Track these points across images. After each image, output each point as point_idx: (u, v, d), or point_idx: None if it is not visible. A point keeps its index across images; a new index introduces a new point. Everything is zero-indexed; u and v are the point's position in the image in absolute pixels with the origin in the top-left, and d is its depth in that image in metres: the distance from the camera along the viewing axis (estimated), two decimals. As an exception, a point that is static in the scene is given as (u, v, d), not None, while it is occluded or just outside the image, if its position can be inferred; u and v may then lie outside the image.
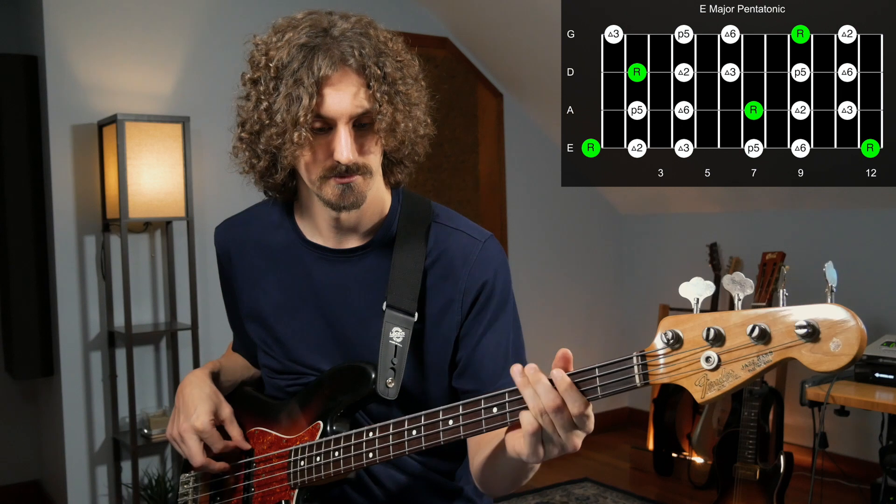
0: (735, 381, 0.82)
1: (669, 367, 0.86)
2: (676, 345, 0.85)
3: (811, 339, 0.77)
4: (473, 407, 0.99)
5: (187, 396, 1.26)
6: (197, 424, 1.22)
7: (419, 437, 1.03)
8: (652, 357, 0.87)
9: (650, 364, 0.87)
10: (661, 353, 0.87)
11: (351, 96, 1.07)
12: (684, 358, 0.85)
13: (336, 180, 1.11)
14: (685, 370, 0.85)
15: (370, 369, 1.16)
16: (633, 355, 0.89)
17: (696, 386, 0.84)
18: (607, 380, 0.90)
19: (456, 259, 1.20)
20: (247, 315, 1.31)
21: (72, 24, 3.25)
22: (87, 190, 3.29)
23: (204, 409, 1.23)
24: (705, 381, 0.83)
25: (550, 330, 4.50)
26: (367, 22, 1.12)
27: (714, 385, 0.83)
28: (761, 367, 0.80)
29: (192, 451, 1.23)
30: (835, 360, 0.76)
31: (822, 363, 0.77)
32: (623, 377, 0.89)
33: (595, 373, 0.91)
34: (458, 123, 4.32)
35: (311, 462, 1.15)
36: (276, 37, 1.10)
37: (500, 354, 1.20)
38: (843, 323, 0.76)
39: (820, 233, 3.86)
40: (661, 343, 0.86)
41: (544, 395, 0.91)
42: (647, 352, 0.88)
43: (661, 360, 0.86)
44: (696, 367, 0.84)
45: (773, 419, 3.27)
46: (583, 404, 0.91)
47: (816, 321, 0.77)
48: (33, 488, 3.75)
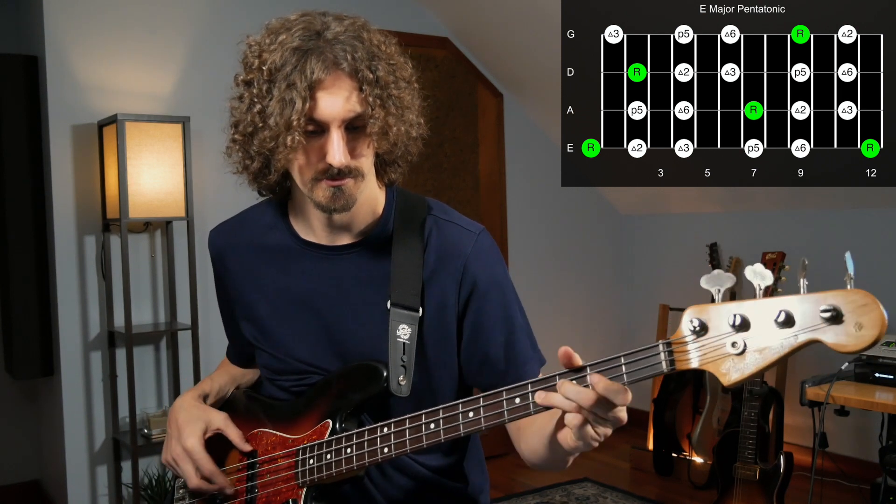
0: (761, 363, 0.86)
1: (697, 352, 0.90)
2: (702, 332, 0.89)
3: (835, 321, 0.82)
4: (495, 398, 1.01)
5: (180, 421, 1.27)
6: (187, 444, 1.23)
7: (438, 431, 1.04)
8: (678, 344, 0.91)
9: (676, 350, 0.91)
10: (688, 340, 0.90)
11: (343, 100, 1.08)
12: (710, 343, 0.89)
13: (327, 182, 1.11)
14: (711, 355, 0.89)
15: (382, 367, 1.16)
16: (659, 343, 0.92)
17: (723, 370, 0.88)
18: (633, 367, 0.93)
19: (450, 251, 1.21)
20: (243, 317, 1.31)
21: (72, 24, 3.25)
22: (87, 190, 3.29)
23: (192, 429, 1.25)
24: (731, 364, 0.88)
25: (550, 330, 4.50)
26: (361, 24, 1.13)
27: (739, 369, 0.87)
28: (787, 349, 0.85)
29: (187, 474, 1.24)
30: (858, 341, 0.81)
31: (847, 344, 0.81)
32: (649, 364, 0.92)
33: (621, 360, 0.93)
34: (458, 123, 4.32)
35: (320, 460, 1.15)
36: (269, 38, 1.10)
37: (521, 341, 1.22)
38: (865, 306, 0.81)
39: (820, 233, 3.86)
40: (687, 330, 0.90)
41: (576, 396, 0.93)
42: (672, 339, 0.91)
43: (689, 346, 0.90)
44: (721, 352, 0.88)
45: (773, 419, 3.27)
46: (623, 392, 0.92)
47: (840, 305, 0.82)
48: (33, 488, 3.76)
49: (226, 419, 1.27)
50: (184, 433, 1.25)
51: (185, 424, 1.26)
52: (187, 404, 1.30)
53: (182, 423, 1.26)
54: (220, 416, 1.27)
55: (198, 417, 1.27)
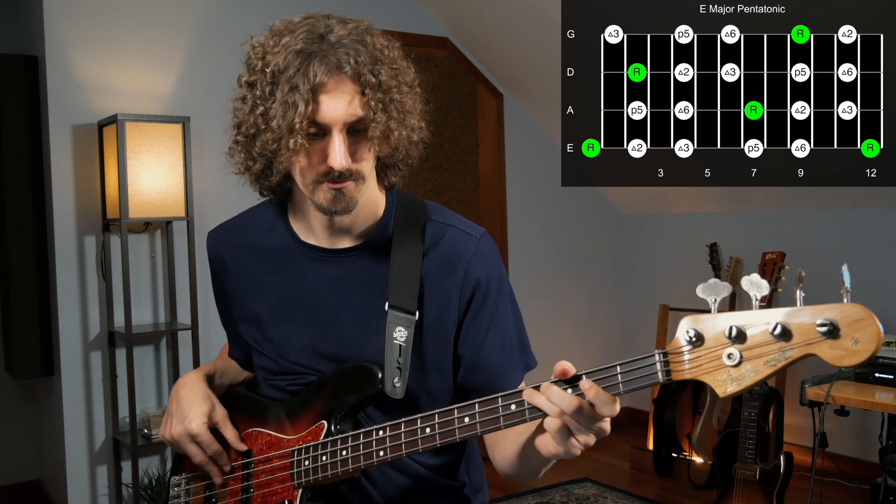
0: (757, 376, 0.87)
1: (692, 363, 0.90)
2: (698, 342, 0.89)
3: (831, 336, 0.82)
4: (490, 405, 1.01)
5: (182, 399, 1.26)
6: (191, 427, 1.22)
7: (433, 435, 1.05)
8: (675, 354, 0.91)
9: (673, 360, 0.91)
10: (684, 350, 0.90)
11: (346, 104, 1.08)
12: (706, 355, 0.89)
13: (328, 185, 1.12)
14: (707, 366, 0.89)
15: (377, 369, 1.16)
16: (656, 352, 0.92)
17: (719, 381, 0.88)
18: (629, 376, 0.93)
19: (452, 255, 1.21)
20: (242, 318, 1.31)
21: (72, 24, 3.25)
22: (87, 190, 3.29)
23: (198, 412, 1.24)
24: (727, 376, 0.88)
25: (550, 330, 4.50)
26: (364, 28, 1.13)
27: (736, 380, 0.88)
28: (783, 362, 0.85)
29: (192, 453, 1.24)
30: (854, 356, 0.81)
31: (843, 359, 0.82)
32: (646, 373, 0.92)
33: (616, 370, 0.94)
34: (458, 123, 4.32)
35: (316, 461, 1.15)
36: (272, 40, 1.10)
37: (507, 348, 1.22)
38: (862, 321, 0.81)
39: (820, 233, 3.86)
40: (683, 340, 0.90)
41: (559, 401, 0.94)
42: (669, 349, 0.91)
43: (685, 356, 0.90)
44: (717, 363, 0.88)
45: (773, 419, 3.28)
46: (611, 404, 0.93)
47: (836, 319, 0.82)
48: (33, 488, 3.76)
49: (224, 416, 1.27)
50: (189, 415, 1.23)
51: (189, 406, 1.24)
52: (192, 383, 1.29)
53: (186, 404, 1.25)
54: (221, 412, 1.27)
55: (203, 399, 1.26)
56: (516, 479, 1.20)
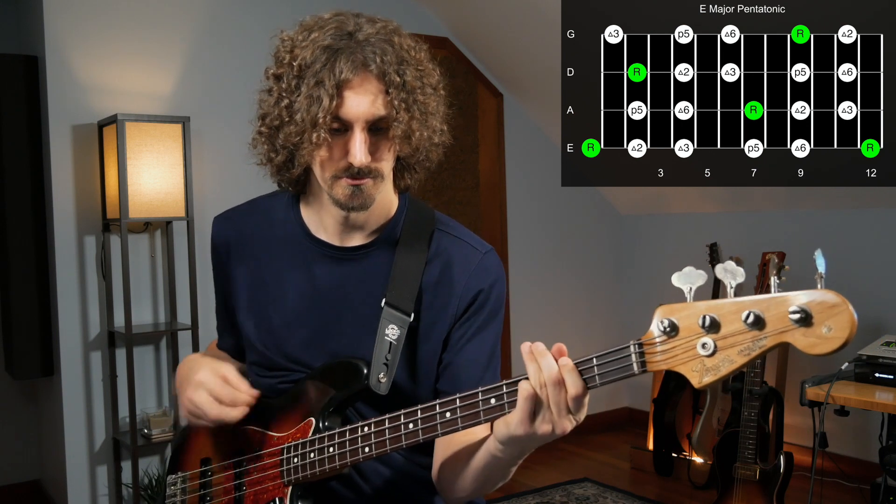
0: (731, 365, 0.85)
1: (666, 353, 0.89)
2: (672, 332, 0.88)
3: (804, 323, 0.80)
4: (471, 399, 1.01)
5: (187, 370, 1.22)
6: (199, 377, 1.17)
7: (416, 431, 1.05)
8: (649, 345, 0.90)
9: (647, 352, 0.90)
10: (657, 341, 0.89)
11: (369, 101, 1.09)
12: (681, 345, 0.88)
13: (347, 181, 1.13)
14: (682, 357, 0.88)
15: (362, 365, 1.17)
16: (630, 343, 0.91)
17: (693, 371, 0.87)
18: (605, 368, 0.93)
19: (456, 266, 1.22)
20: (243, 307, 1.31)
21: (72, 24, 3.25)
22: (87, 190, 3.29)
23: (206, 370, 1.18)
24: (702, 366, 0.87)
25: (550, 330, 4.50)
26: (393, 28, 1.15)
27: (711, 370, 0.86)
28: (756, 351, 0.84)
29: (205, 406, 1.16)
30: (827, 343, 0.79)
31: (816, 346, 0.80)
32: (621, 365, 0.92)
33: (593, 361, 0.94)
34: (458, 123, 4.32)
35: (304, 459, 1.15)
36: (301, 35, 1.12)
37: (481, 363, 1.22)
38: (834, 307, 0.79)
39: (820, 233, 3.86)
40: (657, 331, 0.89)
41: (547, 370, 0.95)
42: (643, 340, 0.91)
43: (658, 347, 0.89)
44: (692, 353, 0.87)
45: (773, 419, 3.27)
46: (581, 387, 0.94)
47: (809, 306, 0.80)
48: (33, 488, 3.75)
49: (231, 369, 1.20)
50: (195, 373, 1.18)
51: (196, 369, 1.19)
52: (194, 358, 1.26)
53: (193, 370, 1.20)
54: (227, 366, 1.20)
55: (208, 363, 1.20)
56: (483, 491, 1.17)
